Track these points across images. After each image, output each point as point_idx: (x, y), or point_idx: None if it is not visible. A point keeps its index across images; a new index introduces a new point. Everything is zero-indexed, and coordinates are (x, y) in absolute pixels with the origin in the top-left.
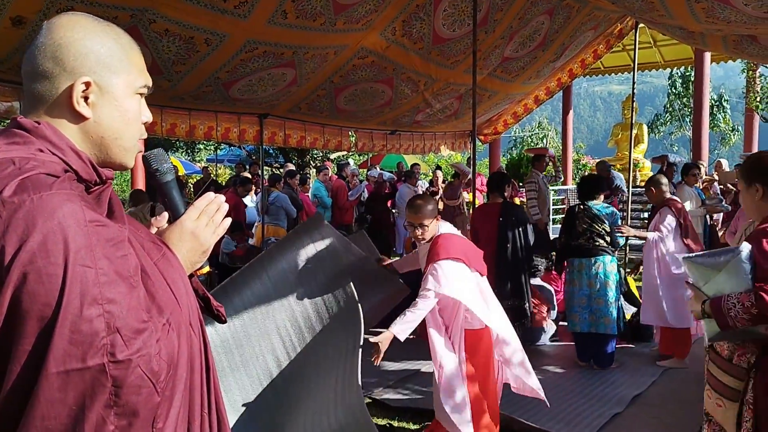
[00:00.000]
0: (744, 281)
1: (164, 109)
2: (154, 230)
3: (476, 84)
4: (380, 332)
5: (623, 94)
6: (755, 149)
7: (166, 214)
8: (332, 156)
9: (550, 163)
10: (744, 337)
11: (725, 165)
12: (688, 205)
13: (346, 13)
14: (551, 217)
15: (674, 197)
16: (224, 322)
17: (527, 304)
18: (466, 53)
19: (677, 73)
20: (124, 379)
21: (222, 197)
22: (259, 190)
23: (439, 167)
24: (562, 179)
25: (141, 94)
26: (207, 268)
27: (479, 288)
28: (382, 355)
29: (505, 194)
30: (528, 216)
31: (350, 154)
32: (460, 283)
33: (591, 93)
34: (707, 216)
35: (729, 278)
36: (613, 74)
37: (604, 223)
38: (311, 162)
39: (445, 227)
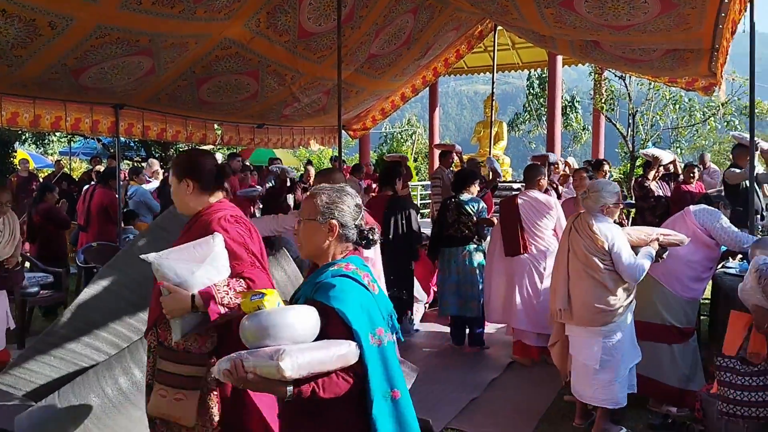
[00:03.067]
0: None
1: (3, 96)
2: None
3: (344, 80)
4: None
5: (487, 94)
6: (602, 147)
7: None
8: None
9: (456, 159)
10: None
11: (572, 162)
12: None
13: (207, 1)
14: None
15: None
16: None
17: (409, 297)
18: (332, 48)
19: (535, 75)
20: None
21: None
22: (128, 182)
23: (309, 162)
24: None
25: None
26: None
27: None
28: None
29: (396, 187)
30: (416, 208)
31: (218, 148)
32: None
33: (458, 92)
34: None
35: None
36: (476, 74)
37: (471, 215)
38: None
39: None
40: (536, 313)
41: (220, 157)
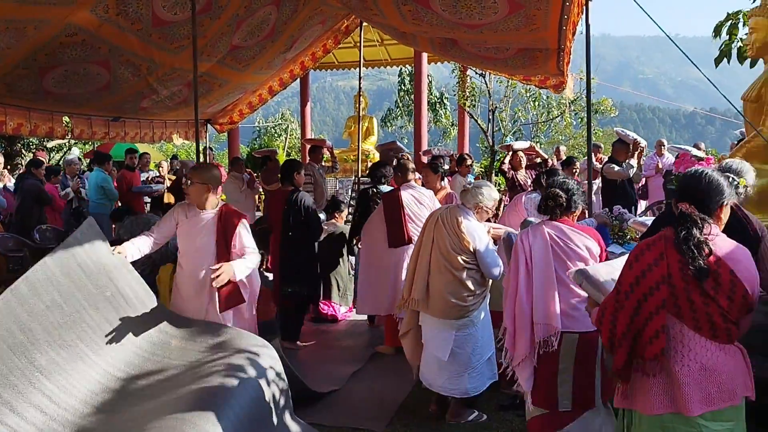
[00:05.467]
0: None
1: None
2: None
3: (206, 72)
4: None
5: (365, 90)
6: (467, 143)
7: None
8: (50, 144)
9: (328, 154)
10: None
11: (563, 151)
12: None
13: None
14: None
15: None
16: None
17: (310, 292)
18: (191, 38)
19: (406, 71)
20: None
21: None
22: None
23: (175, 156)
24: (339, 169)
25: None
26: None
27: None
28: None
29: (296, 181)
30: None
31: (75, 142)
32: None
33: (335, 87)
34: None
35: None
36: (347, 69)
37: None
38: (23, 151)
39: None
40: None
41: (77, 151)
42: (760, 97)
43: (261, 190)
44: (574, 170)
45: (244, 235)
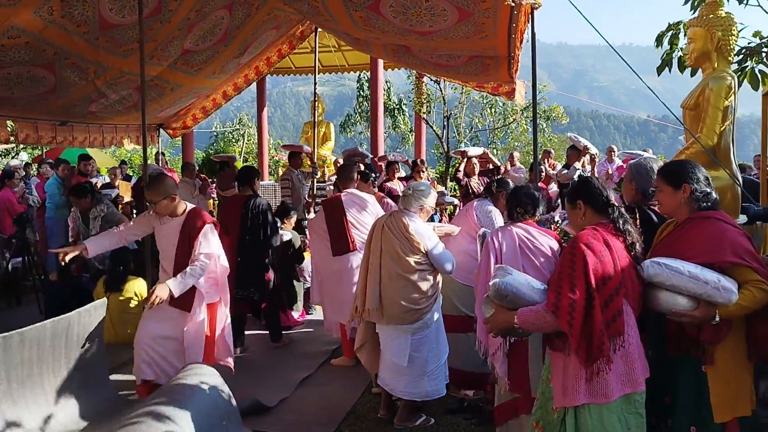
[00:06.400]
0: None
1: None
2: None
3: (157, 76)
4: None
5: (326, 95)
6: (424, 149)
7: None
8: None
9: (308, 159)
10: None
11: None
12: None
13: None
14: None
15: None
16: None
17: (262, 297)
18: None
19: (364, 77)
20: None
21: None
22: None
23: (124, 162)
24: (319, 174)
25: None
26: None
27: None
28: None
29: (254, 187)
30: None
31: (23, 147)
32: None
33: (296, 92)
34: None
35: None
36: (304, 75)
37: None
38: None
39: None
40: None
41: (25, 156)
42: (698, 105)
43: (215, 195)
44: (422, 173)
45: (202, 241)
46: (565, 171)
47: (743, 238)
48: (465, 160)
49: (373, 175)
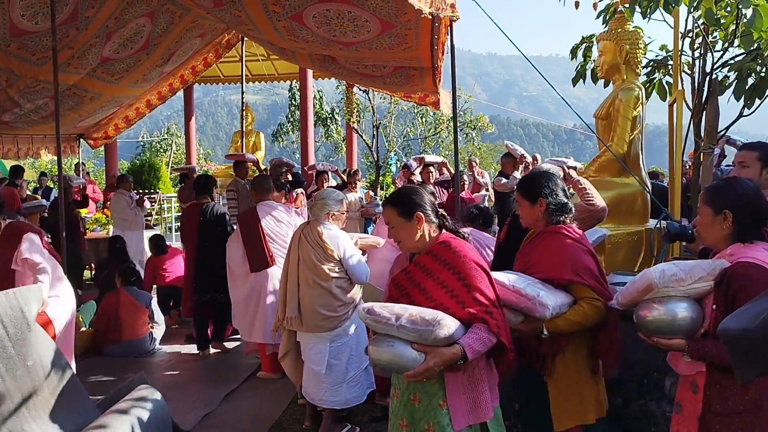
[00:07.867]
0: None
1: None
2: None
3: (75, 85)
4: None
5: (258, 104)
6: (355, 158)
7: None
8: None
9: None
10: None
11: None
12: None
13: None
14: None
15: None
16: None
17: (227, 297)
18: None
19: (296, 86)
20: None
21: None
22: None
23: (44, 173)
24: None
25: None
26: None
27: None
28: None
29: (212, 195)
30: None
31: None
32: None
33: (228, 101)
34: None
35: None
36: (232, 83)
37: None
38: None
39: None
40: None
41: None
42: (609, 114)
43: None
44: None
45: (24, 250)
46: (501, 179)
47: (585, 254)
48: (422, 167)
49: (333, 183)
